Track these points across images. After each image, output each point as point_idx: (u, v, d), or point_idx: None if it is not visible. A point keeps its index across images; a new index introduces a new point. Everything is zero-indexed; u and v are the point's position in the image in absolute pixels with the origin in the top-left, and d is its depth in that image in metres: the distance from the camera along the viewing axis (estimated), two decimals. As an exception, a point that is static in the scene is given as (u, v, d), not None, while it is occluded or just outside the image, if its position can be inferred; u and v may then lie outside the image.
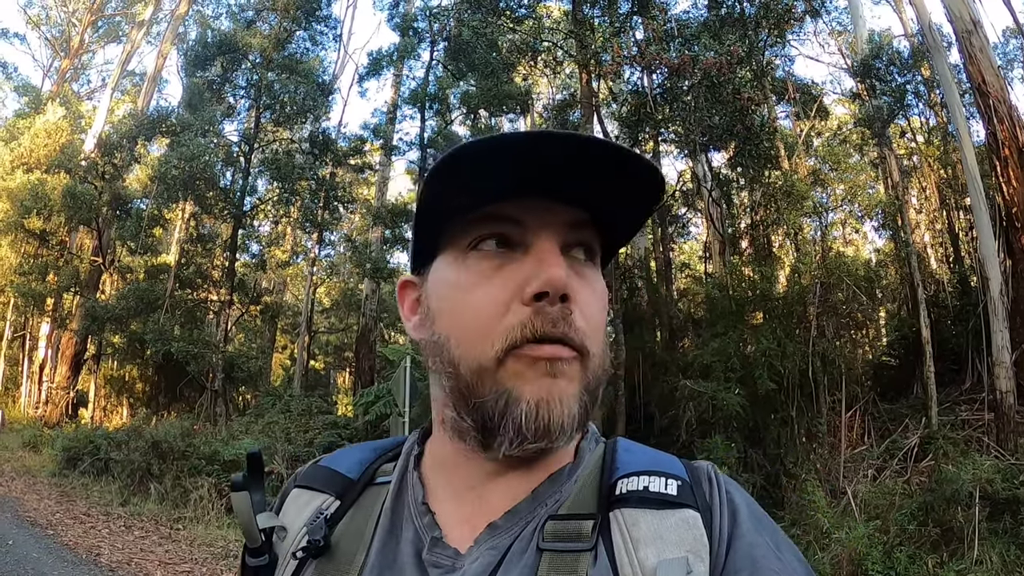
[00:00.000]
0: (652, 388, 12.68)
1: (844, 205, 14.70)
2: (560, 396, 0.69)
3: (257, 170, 20.01)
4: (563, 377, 0.70)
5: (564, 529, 0.70)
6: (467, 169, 0.69)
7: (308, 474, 0.90)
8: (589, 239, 0.76)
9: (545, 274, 0.69)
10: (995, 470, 7.96)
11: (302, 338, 22.32)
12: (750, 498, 0.75)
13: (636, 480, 0.73)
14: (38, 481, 12.66)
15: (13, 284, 21.76)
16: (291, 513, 0.86)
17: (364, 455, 0.90)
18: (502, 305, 0.70)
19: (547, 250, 0.71)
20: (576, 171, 0.68)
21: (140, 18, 27.06)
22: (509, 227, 0.73)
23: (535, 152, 0.67)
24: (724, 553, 0.68)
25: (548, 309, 0.69)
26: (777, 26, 12.26)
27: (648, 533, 0.68)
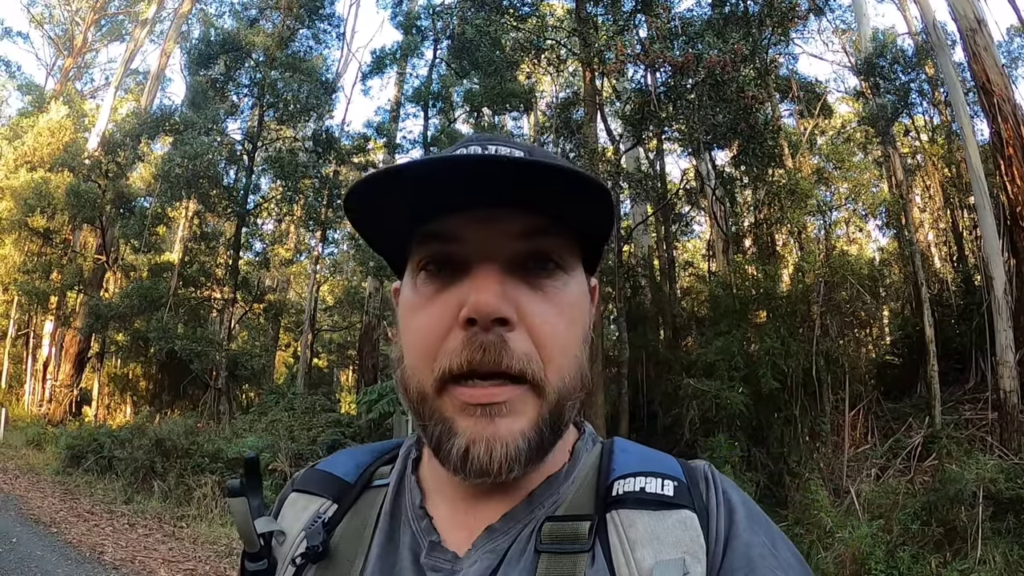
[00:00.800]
0: (655, 387, 12.69)
1: (848, 204, 14.68)
2: (498, 437, 0.67)
3: (260, 168, 19.98)
4: (504, 417, 0.67)
5: (561, 531, 0.70)
6: (391, 191, 0.69)
7: (305, 478, 0.90)
8: (547, 246, 0.71)
9: (473, 298, 0.66)
10: (998, 470, 7.96)
11: (305, 336, 22.31)
12: (747, 497, 0.75)
13: (633, 481, 0.73)
14: (42, 479, 12.69)
15: (17, 282, 21.82)
16: (289, 517, 0.85)
17: (361, 458, 0.90)
18: (443, 329, 0.69)
19: (482, 271, 0.68)
20: (512, 181, 0.66)
21: (143, 17, 27.10)
22: (450, 245, 0.70)
23: (454, 171, 0.66)
24: (721, 553, 0.68)
25: (480, 336, 0.66)
26: (781, 24, 12.25)
27: (645, 534, 0.68)
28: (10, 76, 32.75)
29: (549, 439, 0.70)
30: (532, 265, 0.71)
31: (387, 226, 0.74)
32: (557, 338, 0.70)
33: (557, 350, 0.70)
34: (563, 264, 0.72)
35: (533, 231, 0.70)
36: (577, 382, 0.72)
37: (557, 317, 0.71)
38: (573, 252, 0.74)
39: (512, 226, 0.69)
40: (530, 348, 0.68)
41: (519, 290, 0.69)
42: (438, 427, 0.69)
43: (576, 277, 0.75)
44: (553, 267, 0.72)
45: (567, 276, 0.73)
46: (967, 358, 11.71)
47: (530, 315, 0.69)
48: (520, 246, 0.70)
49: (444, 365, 0.68)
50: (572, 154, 13.52)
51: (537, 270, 0.71)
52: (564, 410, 0.71)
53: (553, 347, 0.69)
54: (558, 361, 0.70)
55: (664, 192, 15.67)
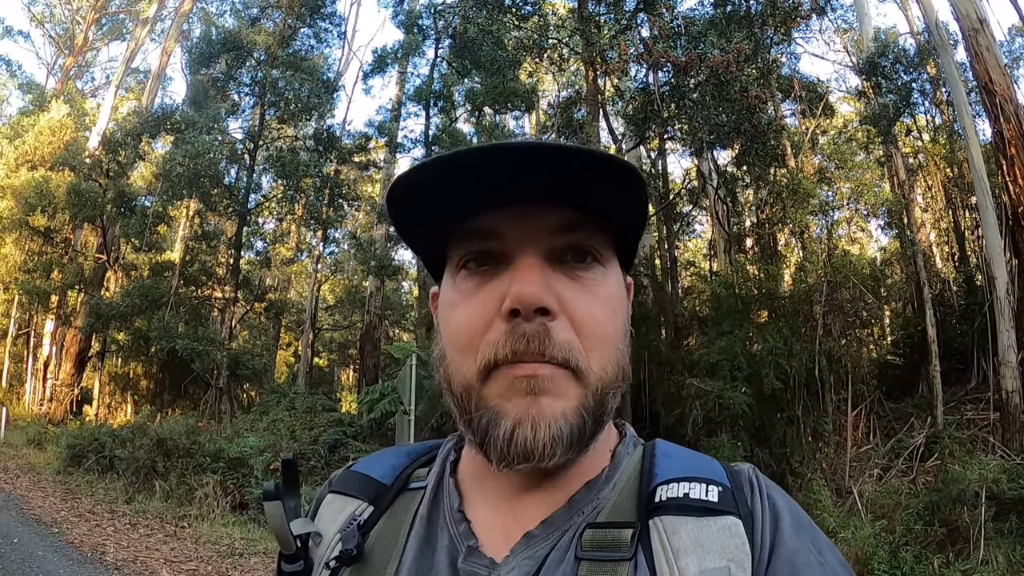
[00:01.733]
0: (658, 387, 12.67)
1: (850, 203, 14.65)
2: (543, 415, 0.67)
3: (262, 167, 20.00)
4: (547, 395, 0.68)
5: (603, 538, 0.69)
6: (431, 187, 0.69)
7: (342, 479, 0.90)
8: (585, 240, 0.73)
9: (515, 290, 0.68)
10: (1001, 470, 7.96)
11: (306, 335, 22.34)
12: (792, 501, 0.74)
13: (676, 487, 0.71)
14: (43, 478, 12.69)
15: (18, 281, 21.85)
16: (326, 519, 0.85)
17: (398, 460, 0.90)
18: (483, 322, 0.70)
19: (523, 263, 0.70)
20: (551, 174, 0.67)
21: (144, 15, 27.11)
22: (490, 242, 0.72)
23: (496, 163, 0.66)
24: (766, 560, 0.66)
25: (523, 326, 0.67)
26: (783, 24, 12.24)
27: (689, 542, 0.67)
28: (11, 75, 32.77)
29: (591, 428, 0.70)
30: (571, 258, 0.72)
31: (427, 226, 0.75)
32: (598, 327, 0.71)
33: (598, 339, 0.71)
34: (600, 258, 0.74)
35: (570, 225, 0.71)
36: (618, 372, 0.73)
37: (598, 307, 0.72)
38: (609, 247, 0.76)
39: (549, 220, 0.71)
40: (572, 337, 0.69)
41: (560, 281, 0.70)
42: (485, 416, 0.69)
43: (613, 270, 0.76)
44: (591, 260, 0.73)
45: (605, 269, 0.74)
46: (969, 358, 11.71)
47: (572, 305, 0.70)
48: (558, 240, 0.71)
49: (488, 355, 0.69)
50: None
51: (575, 263, 0.72)
52: (606, 399, 0.71)
53: (594, 336, 0.70)
54: (600, 350, 0.71)
55: (666, 192, 15.68)
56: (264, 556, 8.65)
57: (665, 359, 13.38)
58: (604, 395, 0.71)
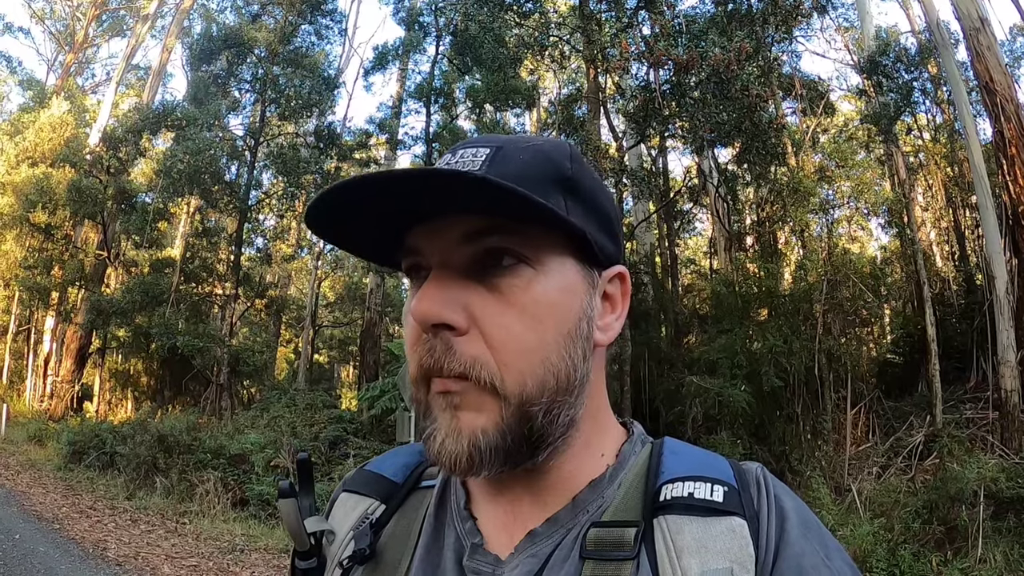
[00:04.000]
0: (658, 384, 12.68)
1: (850, 202, 14.63)
2: (462, 431, 0.67)
3: (262, 164, 19.99)
4: (464, 409, 0.67)
5: (607, 537, 0.69)
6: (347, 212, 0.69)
7: (354, 479, 0.91)
8: (499, 244, 0.68)
9: (412, 307, 0.67)
10: (999, 469, 7.98)
11: (307, 332, 22.37)
12: (800, 502, 0.72)
13: (681, 486, 0.70)
14: (44, 475, 12.70)
15: (18, 278, 21.85)
16: (339, 517, 0.86)
17: (410, 458, 0.90)
18: (415, 335, 0.70)
19: (430, 278, 0.69)
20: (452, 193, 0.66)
21: (144, 12, 27.04)
22: (416, 257, 0.72)
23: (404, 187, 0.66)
24: (771, 563, 0.65)
25: (431, 341, 0.67)
26: (785, 22, 12.23)
27: (692, 542, 0.66)
28: (11, 71, 32.65)
29: (519, 442, 0.67)
30: (487, 265, 0.69)
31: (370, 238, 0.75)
32: (512, 340, 0.67)
33: (514, 353, 0.67)
34: (528, 259, 0.69)
35: (477, 232, 0.68)
36: (545, 386, 0.68)
37: (515, 318, 0.68)
38: (544, 244, 0.69)
39: (455, 231, 0.68)
40: (481, 352, 0.67)
41: (473, 293, 0.68)
42: (427, 424, 0.70)
43: (549, 271, 0.70)
44: (513, 263, 0.68)
45: (533, 271, 0.69)
46: (968, 357, 11.71)
47: (481, 318, 0.67)
48: (467, 249, 0.68)
49: (412, 368, 0.70)
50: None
51: (492, 269, 0.68)
52: (531, 415, 0.67)
53: (508, 350, 0.67)
54: (516, 364, 0.67)
55: (667, 190, 15.68)
56: (264, 552, 8.66)
57: (665, 357, 13.39)
58: (527, 411, 0.67)
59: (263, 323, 26.36)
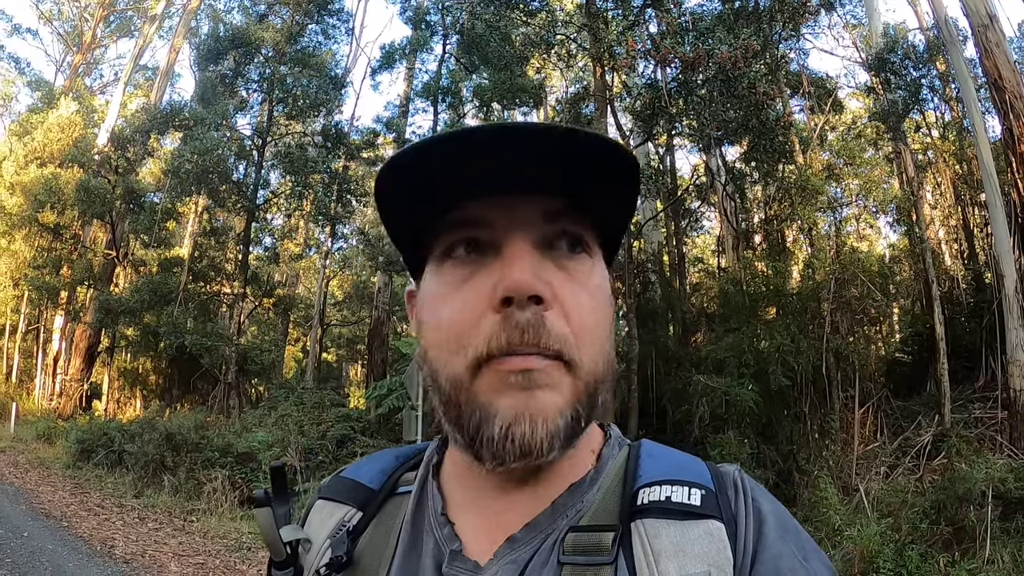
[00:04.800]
0: (665, 383, 12.66)
1: (858, 200, 14.58)
2: (538, 411, 0.65)
3: (270, 163, 20.03)
4: (542, 389, 0.66)
5: (585, 542, 0.68)
6: (415, 175, 0.67)
7: (330, 486, 0.89)
8: (573, 227, 0.71)
9: (508, 277, 0.65)
10: (1008, 469, 7.94)
11: (315, 331, 22.36)
12: (778, 505, 0.72)
13: (658, 490, 0.70)
14: (52, 473, 12.77)
15: (27, 277, 21.98)
16: (315, 525, 0.85)
17: (386, 464, 0.89)
18: (474, 314, 0.67)
19: (515, 250, 0.67)
20: (538, 158, 0.65)
21: (152, 12, 27.14)
22: (477, 229, 0.70)
23: (485, 146, 0.64)
24: (749, 566, 0.65)
25: (517, 315, 0.65)
26: (792, 19, 12.20)
27: (670, 546, 0.66)
28: (20, 72, 32.92)
29: (584, 421, 0.69)
30: (561, 245, 0.71)
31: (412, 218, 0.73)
32: (588, 319, 0.69)
33: (588, 331, 0.69)
34: (588, 248, 0.73)
35: (558, 212, 0.70)
36: (607, 366, 0.71)
37: (587, 298, 0.70)
38: (595, 238, 0.74)
39: (537, 207, 0.69)
40: (565, 328, 0.67)
41: (549, 270, 0.69)
42: (476, 413, 0.67)
43: (599, 262, 0.75)
44: (580, 249, 0.72)
45: (592, 260, 0.73)
46: (977, 356, 11.64)
47: (562, 295, 0.68)
48: (549, 227, 0.70)
49: (481, 349, 0.66)
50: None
51: (565, 251, 0.71)
52: (597, 393, 0.70)
53: (584, 328, 0.68)
54: (590, 343, 0.69)
55: (674, 188, 15.65)
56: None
57: (673, 355, 13.36)
58: (595, 389, 0.69)
59: (271, 322, 26.41)
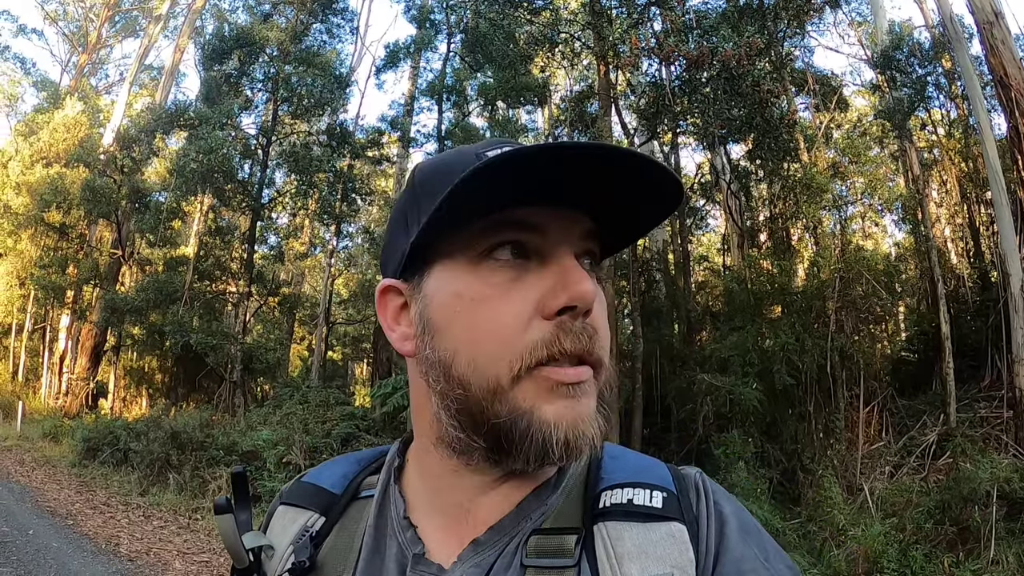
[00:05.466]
0: (669, 381, 12.64)
1: (864, 198, 14.52)
2: (585, 418, 0.68)
3: (275, 163, 20.05)
4: (585, 397, 0.68)
5: (547, 544, 0.69)
6: (500, 173, 0.66)
7: (292, 491, 0.90)
8: (595, 248, 0.75)
9: (575, 288, 0.67)
10: (1013, 469, 7.90)
11: (320, 329, 22.36)
12: (739, 507, 0.73)
13: (620, 492, 0.72)
14: (58, 471, 12.81)
15: (33, 277, 22.04)
16: (277, 531, 0.85)
17: (348, 468, 0.89)
18: (522, 320, 0.67)
19: (568, 262, 0.69)
20: (598, 180, 0.67)
21: (157, 12, 27.21)
22: (529, 235, 0.70)
23: (561, 160, 0.65)
24: (711, 567, 0.67)
25: (571, 325, 0.67)
26: (796, 17, 12.15)
27: (632, 548, 0.67)
28: (25, 73, 32.97)
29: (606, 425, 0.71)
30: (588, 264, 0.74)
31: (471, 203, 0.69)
32: (604, 330, 0.72)
33: (606, 341, 0.72)
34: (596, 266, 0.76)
35: (591, 233, 0.73)
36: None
37: (602, 310, 0.72)
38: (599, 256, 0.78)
39: (581, 226, 0.72)
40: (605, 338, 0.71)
41: None
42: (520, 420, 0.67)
43: None
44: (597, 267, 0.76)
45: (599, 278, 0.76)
46: (983, 355, 11.58)
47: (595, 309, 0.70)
48: (583, 245, 0.73)
49: (540, 353, 0.67)
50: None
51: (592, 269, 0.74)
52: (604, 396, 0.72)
53: (604, 338, 0.71)
54: (606, 351, 0.72)
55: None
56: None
57: (677, 354, 13.35)
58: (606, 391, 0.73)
59: (276, 321, 26.43)
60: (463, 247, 0.71)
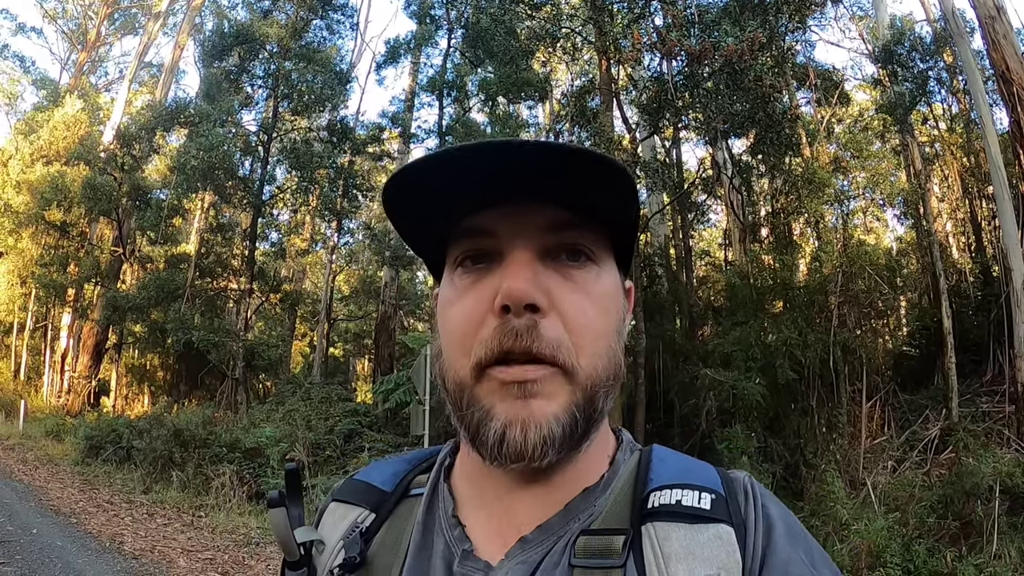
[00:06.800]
0: (672, 376, 12.65)
1: (866, 193, 14.54)
2: (532, 418, 0.68)
3: (276, 159, 20.07)
4: (537, 398, 0.68)
5: (595, 545, 0.69)
6: (419, 189, 0.70)
7: (344, 488, 0.91)
8: (576, 239, 0.73)
9: (505, 285, 0.68)
10: (1015, 463, 7.93)
11: (322, 326, 22.38)
12: (787, 511, 0.74)
13: (669, 493, 0.72)
14: (61, 470, 12.84)
15: (35, 275, 22.09)
16: (328, 527, 0.86)
17: (399, 467, 0.90)
18: (476, 319, 0.70)
19: (514, 259, 0.70)
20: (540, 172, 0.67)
21: (156, 9, 27.20)
22: (484, 239, 0.72)
23: (490, 160, 0.66)
24: (758, 570, 0.67)
25: (513, 322, 0.68)
26: (798, 11, 12.11)
27: (680, 549, 0.67)
28: (25, 71, 32.99)
29: (583, 427, 0.70)
30: (563, 257, 0.73)
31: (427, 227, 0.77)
32: (589, 325, 0.71)
33: (589, 337, 0.71)
34: (594, 257, 0.74)
35: (561, 224, 0.72)
36: (610, 371, 0.73)
37: (589, 305, 0.72)
38: (602, 246, 0.76)
39: (540, 219, 0.71)
40: (561, 334, 0.69)
41: (551, 279, 0.71)
42: (476, 414, 0.70)
43: (608, 270, 0.76)
44: (584, 259, 0.73)
45: (599, 268, 0.75)
46: (984, 350, 11.60)
47: (561, 302, 0.70)
48: (550, 238, 0.72)
49: (480, 352, 0.69)
50: (588, 143, 13.42)
51: (568, 261, 0.73)
52: (597, 398, 0.71)
53: (584, 334, 0.70)
54: (590, 348, 0.71)
55: (681, 181, 15.59)
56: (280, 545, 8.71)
57: (680, 349, 13.35)
58: (594, 394, 0.71)
59: (278, 317, 26.45)
60: (447, 258, 0.78)
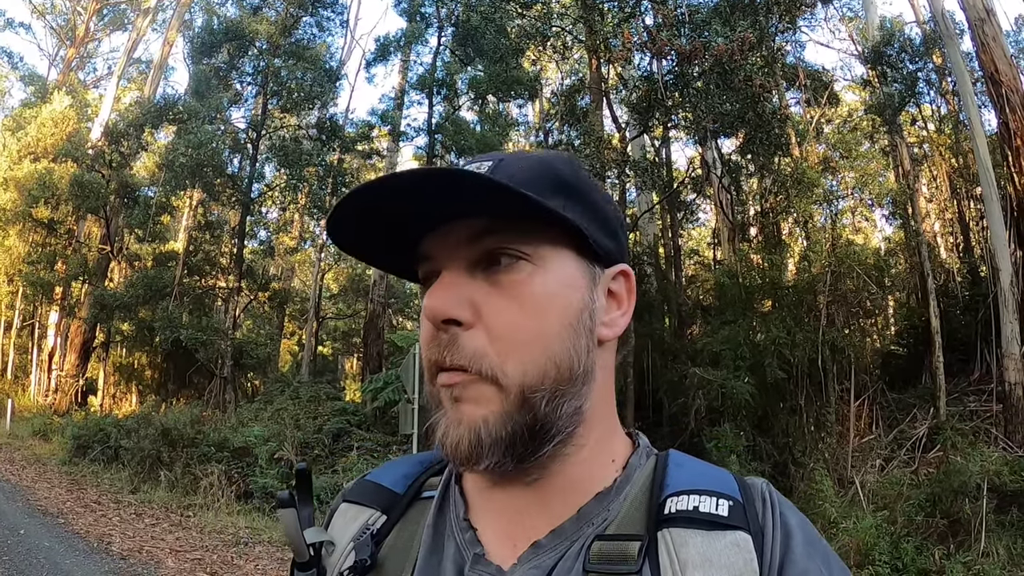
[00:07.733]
0: (661, 375, 12.66)
1: (854, 193, 14.60)
2: (463, 421, 0.70)
3: (265, 157, 20.02)
4: (465, 402, 0.70)
5: (610, 550, 0.69)
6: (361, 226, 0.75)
7: (355, 489, 0.90)
8: (499, 244, 0.71)
9: (425, 304, 0.72)
10: (1003, 462, 7.98)
11: (310, 324, 22.35)
12: (805, 519, 0.73)
13: (686, 499, 0.71)
14: (48, 469, 12.76)
15: (22, 273, 21.97)
16: (339, 528, 0.86)
17: (410, 468, 0.90)
18: (428, 332, 0.73)
19: (440, 279, 0.73)
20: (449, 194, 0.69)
21: (145, 6, 27.07)
22: (428, 263, 0.76)
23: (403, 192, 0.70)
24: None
25: (440, 336, 0.71)
26: (788, 12, 12.17)
27: (696, 556, 0.66)
28: (12, 67, 32.75)
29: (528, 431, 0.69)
30: (489, 263, 0.72)
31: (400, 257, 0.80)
32: (515, 332, 0.70)
33: (515, 344, 0.70)
34: (526, 255, 0.72)
35: (477, 234, 0.72)
36: (549, 373, 0.70)
37: (517, 310, 0.71)
38: (543, 241, 0.72)
39: (460, 233, 0.72)
40: (482, 344, 0.70)
41: (480, 290, 0.71)
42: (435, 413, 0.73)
43: (548, 266, 0.72)
44: (512, 261, 0.71)
45: (533, 266, 0.72)
46: (972, 350, 11.68)
47: (486, 313, 0.70)
48: (471, 250, 0.72)
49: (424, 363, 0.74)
50: (578, 141, 13.43)
51: (494, 267, 0.72)
52: (534, 401, 0.69)
53: (509, 340, 0.70)
54: (516, 354, 0.70)
55: (670, 180, 15.61)
56: (268, 545, 8.70)
57: (668, 348, 13.37)
58: (530, 398, 0.69)
59: (267, 316, 26.40)
60: None
